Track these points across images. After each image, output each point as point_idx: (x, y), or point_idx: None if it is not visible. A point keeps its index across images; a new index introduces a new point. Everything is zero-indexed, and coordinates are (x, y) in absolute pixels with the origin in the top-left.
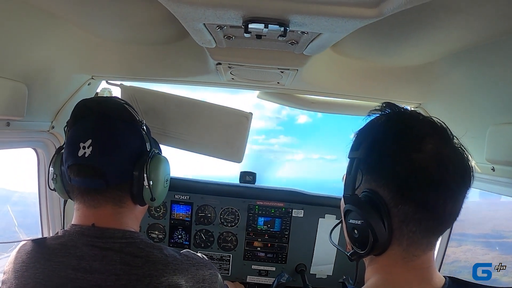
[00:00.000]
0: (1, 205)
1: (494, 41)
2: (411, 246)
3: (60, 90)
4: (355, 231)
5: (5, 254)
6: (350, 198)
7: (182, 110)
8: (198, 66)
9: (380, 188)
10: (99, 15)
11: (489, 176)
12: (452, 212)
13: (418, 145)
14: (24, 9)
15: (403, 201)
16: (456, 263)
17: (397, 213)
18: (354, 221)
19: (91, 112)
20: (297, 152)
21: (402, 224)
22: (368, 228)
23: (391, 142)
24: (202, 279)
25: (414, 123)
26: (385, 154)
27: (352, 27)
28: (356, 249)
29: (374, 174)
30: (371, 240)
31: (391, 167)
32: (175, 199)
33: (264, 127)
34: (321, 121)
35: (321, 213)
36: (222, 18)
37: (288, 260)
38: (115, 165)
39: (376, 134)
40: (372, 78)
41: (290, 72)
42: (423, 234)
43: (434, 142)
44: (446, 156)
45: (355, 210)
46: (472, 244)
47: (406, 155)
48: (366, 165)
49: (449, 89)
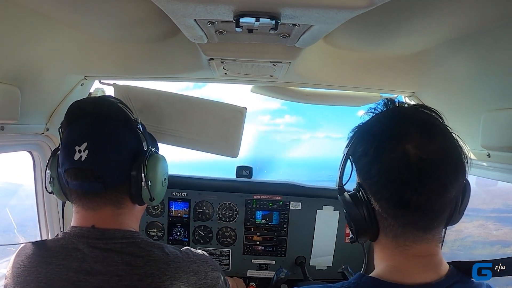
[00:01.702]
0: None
1: (487, 28)
2: (398, 237)
3: (53, 91)
4: (346, 219)
5: (5, 258)
6: (339, 190)
7: (177, 107)
8: (190, 62)
9: (364, 183)
10: (89, 14)
11: (485, 162)
12: (435, 208)
13: (400, 145)
14: (13, 10)
15: (378, 197)
16: (469, 238)
17: (377, 207)
18: (344, 210)
19: (85, 113)
20: (303, 132)
21: (382, 218)
22: (351, 218)
23: (372, 142)
24: (204, 275)
25: (398, 124)
26: (364, 154)
27: (343, 18)
28: (351, 233)
29: (359, 170)
30: (354, 229)
31: (368, 166)
32: (172, 196)
33: (269, 108)
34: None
35: (318, 205)
36: (213, 13)
37: (288, 253)
38: (113, 167)
39: (364, 132)
40: (366, 68)
41: (283, 65)
42: (403, 228)
43: (414, 142)
44: (432, 154)
45: (342, 201)
46: (484, 219)
47: (384, 155)
48: (354, 160)
49: (443, 77)
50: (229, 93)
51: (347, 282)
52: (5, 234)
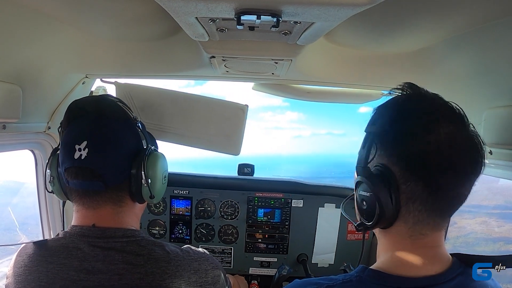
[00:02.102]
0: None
1: (489, 24)
2: (417, 225)
3: (55, 90)
4: (364, 202)
5: (6, 258)
6: (362, 170)
7: (178, 105)
8: (192, 60)
9: (392, 164)
10: (90, 13)
11: (486, 159)
12: (460, 196)
13: (434, 127)
14: (14, 10)
15: (413, 179)
16: (472, 235)
17: (405, 190)
18: (364, 192)
19: (84, 112)
20: (304, 128)
21: (409, 201)
22: (376, 200)
23: (409, 121)
24: (205, 274)
25: (433, 106)
26: (402, 132)
27: (344, 15)
28: (363, 220)
29: (388, 150)
30: (377, 213)
31: (405, 146)
32: (174, 194)
33: (270, 104)
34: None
35: (320, 203)
36: (214, 11)
37: (290, 251)
38: (112, 165)
39: (395, 111)
40: (367, 66)
41: (284, 62)
42: (429, 213)
43: (450, 126)
44: (460, 141)
45: (366, 182)
46: (487, 215)
47: (421, 135)
48: (381, 140)
49: (444, 75)
50: (231, 90)
51: (349, 274)
52: (7, 233)
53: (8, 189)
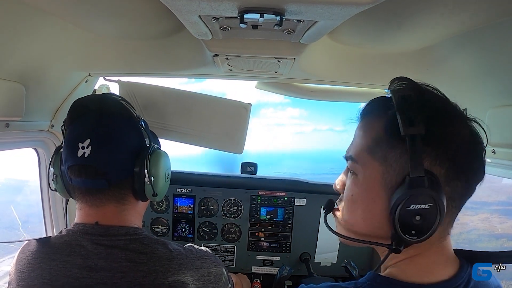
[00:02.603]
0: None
1: (492, 23)
2: (450, 224)
3: (58, 88)
4: (417, 217)
5: (7, 256)
6: (415, 180)
7: (181, 103)
8: (195, 59)
9: (436, 167)
10: (94, 11)
11: (489, 158)
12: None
13: (465, 121)
14: (17, 8)
15: (456, 177)
16: (474, 231)
17: (448, 191)
18: (418, 205)
19: (87, 110)
20: (306, 124)
21: (449, 201)
22: (436, 210)
23: (447, 118)
24: (208, 272)
25: (448, 102)
26: (443, 131)
27: (348, 14)
28: (408, 238)
29: (432, 152)
30: (437, 223)
31: (447, 144)
32: (177, 192)
33: (271, 101)
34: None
35: (323, 201)
36: (217, 9)
37: (292, 249)
38: (116, 163)
39: (430, 109)
40: (370, 64)
41: (288, 61)
42: (460, 208)
43: (467, 122)
44: (476, 135)
45: (424, 192)
46: (489, 212)
47: (459, 131)
48: (426, 143)
49: (448, 74)
50: (233, 87)
51: (360, 282)
52: (9, 231)
53: (9, 187)
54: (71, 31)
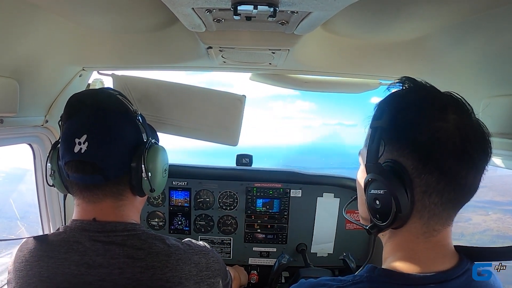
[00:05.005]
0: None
1: (488, 13)
2: (432, 219)
3: (52, 83)
4: (377, 201)
5: (5, 251)
6: (374, 167)
7: (176, 96)
8: (189, 51)
9: (403, 158)
10: (86, 5)
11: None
12: (473, 184)
13: (441, 114)
14: (10, 3)
15: (427, 170)
16: (488, 232)
17: (420, 183)
18: (377, 191)
19: (84, 106)
20: (314, 118)
21: (424, 195)
22: (391, 198)
23: (414, 111)
24: (206, 267)
25: (436, 94)
26: (409, 123)
27: (342, 4)
28: (376, 221)
29: (397, 143)
30: (393, 211)
31: (414, 136)
32: (173, 185)
33: (280, 93)
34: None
35: (319, 192)
36: (210, 1)
37: (289, 240)
38: (113, 158)
39: (399, 103)
40: (365, 55)
41: (282, 52)
42: (444, 206)
43: (456, 113)
44: (468, 127)
45: (379, 179)
46: (502, 212)
47: (430, 124)
48: (389, 134)
49: (443, 63)
50: (234, 79)
51: (359, 275)
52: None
53: (8, 181)
54: (64, 25)
